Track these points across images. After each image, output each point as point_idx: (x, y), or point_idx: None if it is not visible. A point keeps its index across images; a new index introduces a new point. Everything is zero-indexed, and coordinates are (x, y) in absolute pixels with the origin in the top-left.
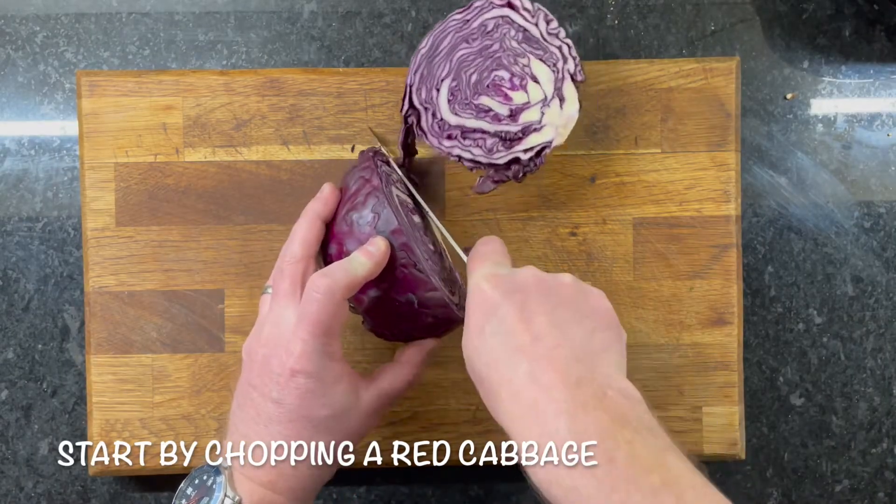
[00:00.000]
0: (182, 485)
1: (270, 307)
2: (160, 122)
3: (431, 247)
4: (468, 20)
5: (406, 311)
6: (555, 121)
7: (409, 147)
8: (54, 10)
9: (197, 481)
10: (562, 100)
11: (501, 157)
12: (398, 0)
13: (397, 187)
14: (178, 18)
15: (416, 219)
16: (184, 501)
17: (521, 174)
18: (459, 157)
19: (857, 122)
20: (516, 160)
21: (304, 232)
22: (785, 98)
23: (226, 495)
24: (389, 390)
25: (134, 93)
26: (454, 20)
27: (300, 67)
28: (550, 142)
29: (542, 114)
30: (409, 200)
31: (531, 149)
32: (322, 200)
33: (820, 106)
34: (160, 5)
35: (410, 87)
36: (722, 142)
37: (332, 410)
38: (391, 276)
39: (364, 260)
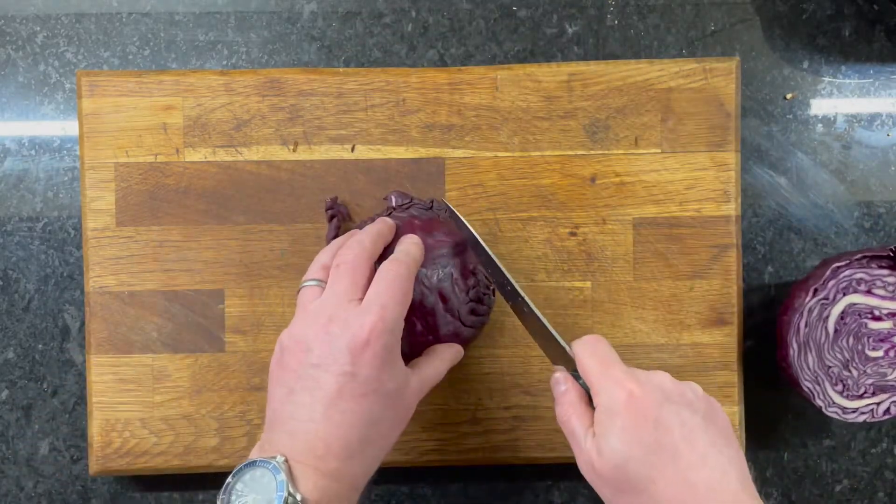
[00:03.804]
0: (230, 479)
1: (328, 290)
2: (160, 122)
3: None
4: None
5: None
6: None
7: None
8: (54, 10)
9: (248, 477)
10: None
11: None
12: (398, 0)
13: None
14: (179, 18)
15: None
16: (233, 497)
17: None
18: None
19: (856, 122)
20: None
21: (377, 229)
22: (785, 98)
23: (289, 493)
24: (428, 378)
25: (134, 93)
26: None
27: (300, 67)
28: None
29: None
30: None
31: None
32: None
33: (820, 106)
34: (160, 5)
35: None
36: (722, 142)
37: (397, 384)
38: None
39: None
